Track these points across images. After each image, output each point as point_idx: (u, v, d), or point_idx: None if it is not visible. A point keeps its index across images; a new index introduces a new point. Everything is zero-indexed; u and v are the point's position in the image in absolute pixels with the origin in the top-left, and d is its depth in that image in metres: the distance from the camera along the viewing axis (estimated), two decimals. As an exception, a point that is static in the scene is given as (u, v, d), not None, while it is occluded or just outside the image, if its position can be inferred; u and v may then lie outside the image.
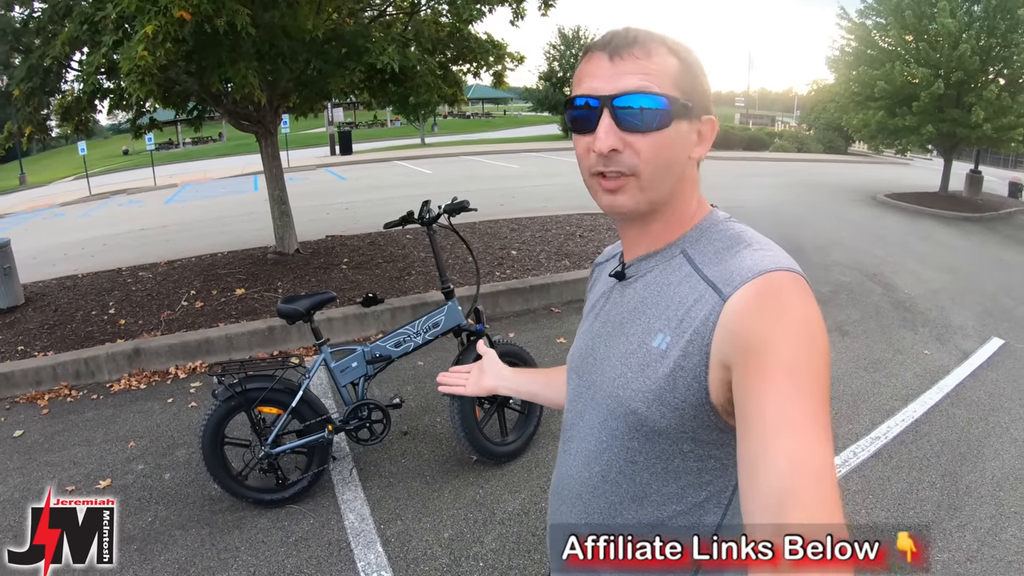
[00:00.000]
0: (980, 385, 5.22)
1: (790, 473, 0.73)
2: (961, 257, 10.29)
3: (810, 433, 0.75)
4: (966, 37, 13.70)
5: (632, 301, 1.06)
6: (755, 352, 0.82)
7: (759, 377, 0.81)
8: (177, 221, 13.58)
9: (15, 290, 6.79)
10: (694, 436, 0.96)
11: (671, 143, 0.95)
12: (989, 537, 3.37)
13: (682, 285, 0.98)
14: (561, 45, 38.71)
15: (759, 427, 0.78)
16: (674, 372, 0.93)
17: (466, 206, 3.87)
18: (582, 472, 1.11)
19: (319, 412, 3.57)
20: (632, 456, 1.02)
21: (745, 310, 0.87)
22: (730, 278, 0.91)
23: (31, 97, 6.38)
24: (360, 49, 6.21)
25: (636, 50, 0.94)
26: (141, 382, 5.19)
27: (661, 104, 0.93)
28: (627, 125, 0.94)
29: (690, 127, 0.98)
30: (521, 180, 17.78)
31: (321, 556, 3.19)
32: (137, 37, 4.78)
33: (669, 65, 0.95)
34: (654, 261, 1.05)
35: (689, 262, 1.00)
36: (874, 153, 33.67)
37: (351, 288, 6.67)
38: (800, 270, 0.91)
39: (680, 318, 0.95)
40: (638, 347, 1.00)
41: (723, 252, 0.98)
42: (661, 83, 0.94)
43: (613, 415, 1.03)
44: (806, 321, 0.84)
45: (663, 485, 1.01)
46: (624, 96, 0.93)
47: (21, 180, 34.22)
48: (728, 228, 1.03)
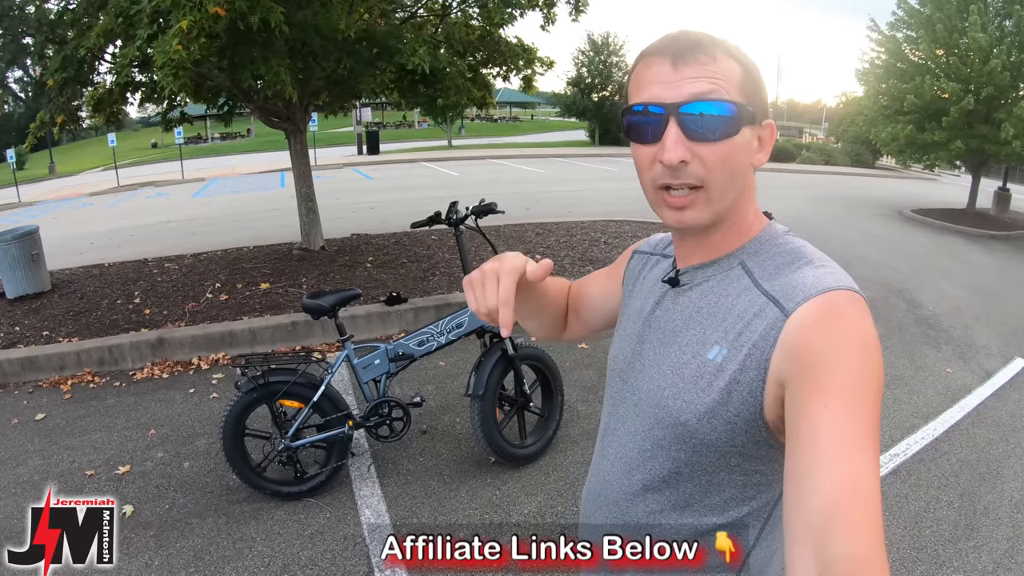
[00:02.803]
0: (1002, 405, 5.15)
1: (837, 496, 0.72)
2: (987, 276, 10.15)
3: (860, 458, 0.75)
4: (997, 52, 13.51)
5: (687, 310, 1.04)
6: (813, 371, 0.81)
7: (815, 396, 0.80)
8: (204, 215, 13.72)
9: (42, 276, 6.90)
10: (743, 451, 0.95)
11: (737, 151, 0.93)
12: (1006, 559, 3.33)
13: (741, 298, 0.97)
14: (590, 51, 38.67)
15: (811, 447, 0.77)
16: (730, 386, 0.92)
17: (494, 208, 3.87)
18: (621, 479, 1.10)
19: (340, 407, 3.59)
20: (677, 467, 1.01)
21: (807, 328, 0.85)
22: (792, 294, 0.90)
23: (64, 87, 6.48)
24: (391, 50, 6.24)
25: (700, 55, 0.91)
26: (164, 371, 5.25)
27: (729, 111, 0.90)
28: (695, 134, 0.91)
29: (752, 133, 0.95)
30: (547, 185, 17.76)
31: (336, 550, 3.21)
32: (172, 31, 4.84)
33: (733, 70, 0.92)
34: (711, 271, 1.03)
35: (748, 274, 0.98)
36: (901, 168, 33.33)
37: (375, 287, 6.71)
38: (860, 290, 0.90)
39: (739, 331, 0.94)
40: (692, 358, 0.99)
41: (783, 267, 0.96)
42: (727, 89, 0.91)
43: (660, 424, 1.02)
44: (865, 343, 0.83)
45: (706, 496, 1.00)
46: (692, 104, 0.90)
47: (51, 169, 34.67)
48: (788, 242, 1.01)
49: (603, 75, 38.02)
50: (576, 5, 7.47)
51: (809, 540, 0.72)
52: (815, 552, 0.71)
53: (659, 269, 1.17)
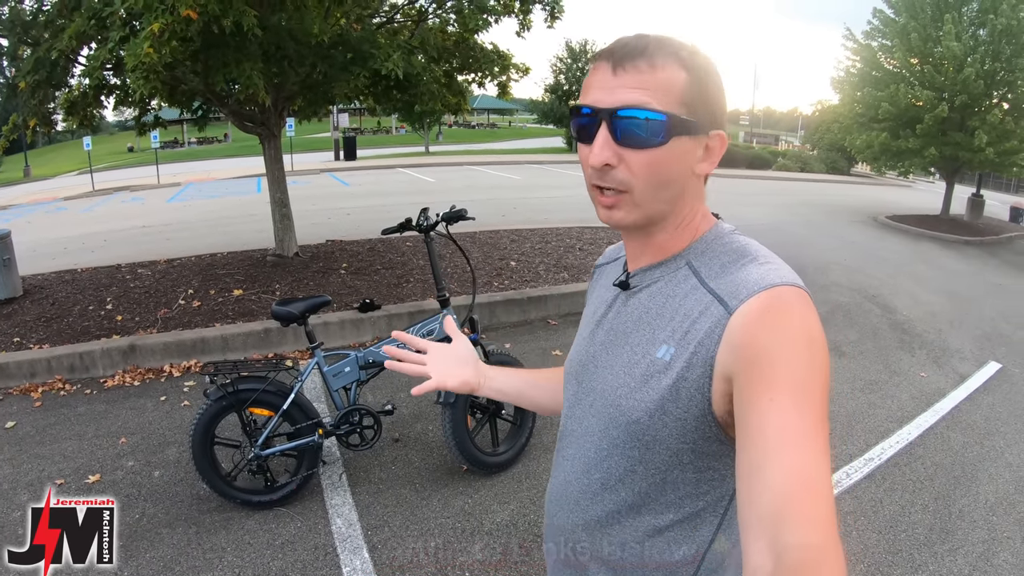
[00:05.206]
0: (976, 409, 5.21)
1: (788, 488, 0.73)
2: (960, 281, 10.29)
3: (809, 449, 0.76)
4: (971, 61, 13.73)
5: (636, 311, 1.06)
6: (758, 365, 0.83)
7: (761, 391, 0.81)
8: (178, 220, 13.58)
9: (14, 282, 6.79)
10: (694, 447, 0.96)
11: (669, 160, 0.93)
12: (981, 562, 3.36)
13: (687, 297, 0.98)
14: (568, 58, 38.84)
15: (760, 441, 0.78)
16: (677, 383, 0.94)
17: (464, 215, 3.87)
18: (581, 479, 1.11)
19: (310, 416, 3.55)
20: (632, 465, 1.02)
21: (750, 323, 0.87)
22: (736, 291, 0.91)
23: (37, 90, 6.39)
24: (365, 55, 6.22)
25: (640, 62, 0.91)
26: (135, 379, 5.18)
27: (659, 121, 0.91)
28: (623, 140, 0.92)
29: (694, 143, 0.95)
30: (523, 191, 17.78)
31: (307, 560, 3.17)
32: (143, 34, 4.79)
33: (675, 79, 0.92)
34: (659, 272, 1.05)
35: (695, 274, 1.00)
36: (876, 175, 33.71)
37: (349, 293, 6.66)
38: (804, 285, 0.91)
39: (685, 330, 0.95)
40: (641, 357, 1.00)
41: (729, 265, 0.97)
42: (662, 98, 0.91)
43: (614, 424, 1.03)
44: (810, 337, 0.85)
45: (661, 494, 1.02)
46: (621, 110, 0.91)
47: (26, 172, 34.26)
48: (733, 241, 1.02)
49: (580, 82, 38.12)
50: (551, 12, 7.47)
51: (763, 533, 0.73)
52: (769, 544, 0.72)
53: (612, 274, 1.18)
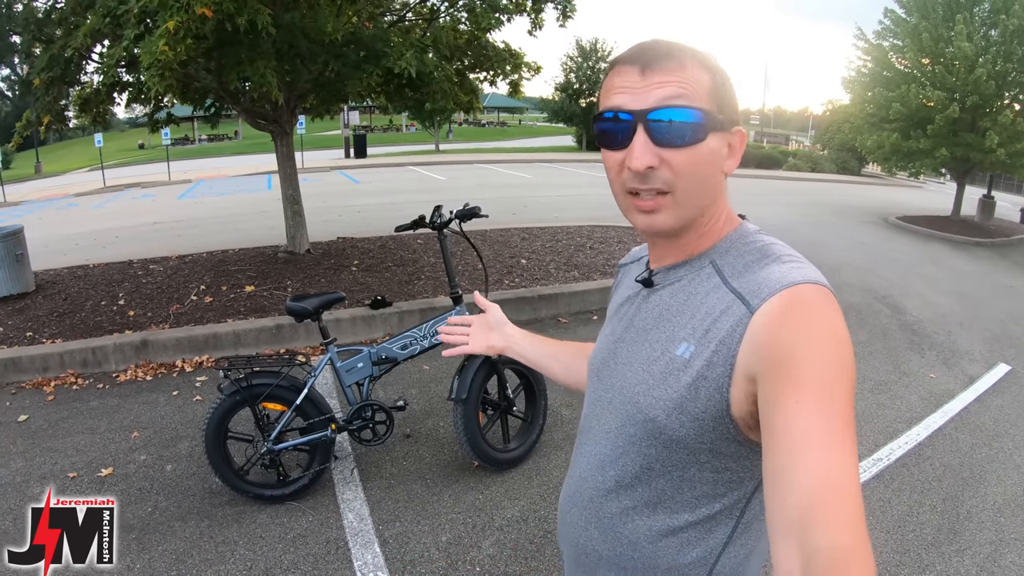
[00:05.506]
0: (985, 410, 5.19)
1: (816, 490, 0.72)
2: (970, 282, 10.24)
3: (836, 450, 0.75)
4: (982, 61, 13.65)
5: (657, 308, 1.06)
6: (784, 366, 0.81)
7: (788, 392, 0.79)
8: (190, 216, 13.65)
9: (26, 277, 6.85)
10: (712, 447, 0.95)
11: (704, 157, 0.94)
12: (988, 563, 3.36)
13: (710, 296, 0.98)
14: (579, 57, 38.80)
15: (786, 443, 0.77)
16: (696, 382, 0.93)
17: (477, 212, 3.87)
18: (596, 476, 1.11)
19: (323, 411, 3.58)
20: (649, 463, 1.02)
21: (773, 322, 0.86)
22: (758, 290, 0.91)
23: (51, 87, 6.44)
24: (378, 53, 6.23)
25: (669, 63, 0.92)
26: (147, 374, 5.22)
27: (696, 118, 0.91)
28: (662, 140, 0.92)
29: (722, 140, 0.96)
30: (534, 190, 17.77)
31: (318, 553, 3.20)
32: (159, 32, 4.81)
33: (702, 78, 0.93)
34: (683, 271, 1.04)
35: (718, 273, 0.99)
36: (887, 175, 33.54)
37: (360, 290, 6.69)
38: (828, 284, 0.90)
39: (706, 328, 0.95)
40: (661, 355, 1.00)
41: (752, 264, 0.97)
42: (695, 96, 0.92)
43: (632, 421, 1.03)
44: (836, 337, 0.84)
45: (677, 493, 1.01)
46: (659, 110, 0.91)
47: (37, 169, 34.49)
48: (757, 240, 1.02)
49: (591, 81, 38.16)
50: (564, 11, 7.48)
51: (791, 535, 0.72)
52: (798, 546, 0.71)
53: (636, 272, 1.18)
